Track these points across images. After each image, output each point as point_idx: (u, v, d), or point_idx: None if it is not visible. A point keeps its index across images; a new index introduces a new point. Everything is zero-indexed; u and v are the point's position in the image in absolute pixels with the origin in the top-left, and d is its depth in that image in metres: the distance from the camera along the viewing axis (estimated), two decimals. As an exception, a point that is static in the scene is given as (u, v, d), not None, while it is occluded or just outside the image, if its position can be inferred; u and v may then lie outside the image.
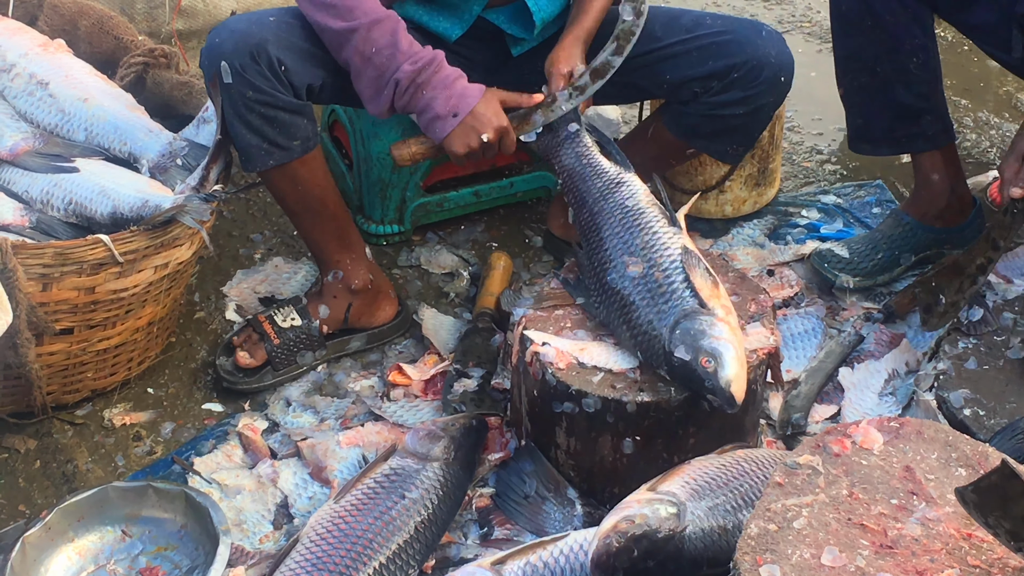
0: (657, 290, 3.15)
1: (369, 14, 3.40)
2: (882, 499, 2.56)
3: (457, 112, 3.40)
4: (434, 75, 3.40)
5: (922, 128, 3.96)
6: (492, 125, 3.41)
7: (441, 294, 4.12)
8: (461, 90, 3.41)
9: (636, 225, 3.30)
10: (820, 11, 5.97)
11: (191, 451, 3.54)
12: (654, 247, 3.23)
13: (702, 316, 3.06)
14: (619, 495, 2.98)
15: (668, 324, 3.07)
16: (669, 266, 3.18)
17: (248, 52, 3.41)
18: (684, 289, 3.13)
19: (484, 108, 3.42)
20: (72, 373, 3.58)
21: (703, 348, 3.00)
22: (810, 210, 4.50)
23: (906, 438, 2.70)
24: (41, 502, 3.40)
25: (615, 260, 3.25)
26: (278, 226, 4.39)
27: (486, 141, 3.40)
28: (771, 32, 3.70)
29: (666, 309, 3.11)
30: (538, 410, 3.23)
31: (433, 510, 3.10)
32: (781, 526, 2.50)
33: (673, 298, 3.12)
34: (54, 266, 3.31)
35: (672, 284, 3.14)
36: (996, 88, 5.25)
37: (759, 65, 3.63)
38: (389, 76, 3.40)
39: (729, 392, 2.98)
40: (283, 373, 3.74)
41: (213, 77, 3.43)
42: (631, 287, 3.18)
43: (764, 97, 3.68)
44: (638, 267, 3.20)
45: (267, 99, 3.43)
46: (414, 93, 3.40)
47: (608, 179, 3.44)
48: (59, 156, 3.68)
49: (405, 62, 3.38)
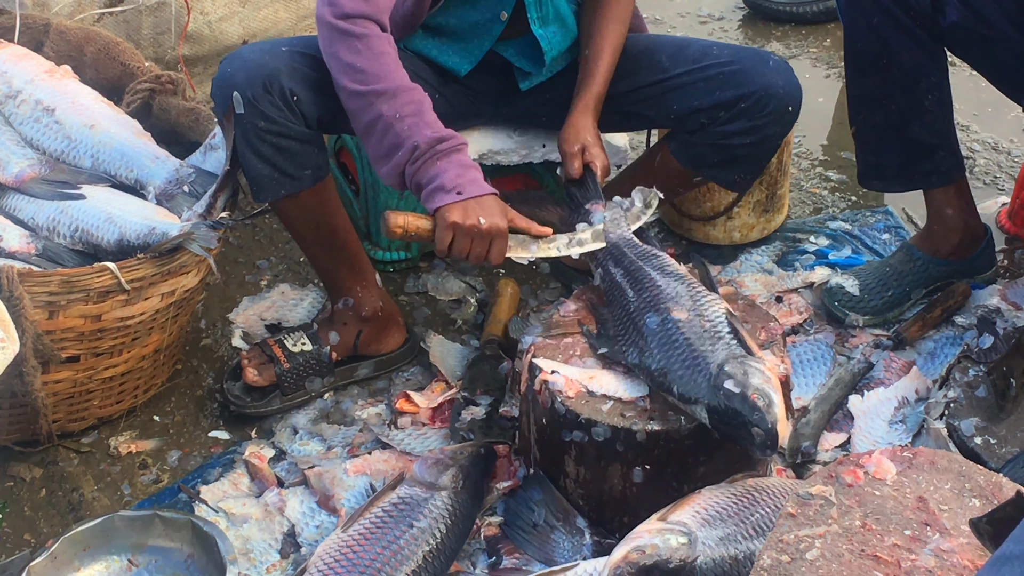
0: (704, 334, 3.11)
1: (398, 82, 3.34)
2: (895, 530, 2.54)
3: (462, 191, 3.26)
4: (453, 152, 3.30)
5: (936, 164, 3.93)
6: (492, 217, 3.27)
7: (448, 321, 4.11)
8: (474, 178, 3.30)
9: (678, 278, 3.28)
10: (827, 38, 5.97)
11: (197, 479, 3.52)
12: (698, 300, 3.20)
13: (753, 361, 3.03)
14: (629, 524, 2.97)
15: (717, 361, 3.02)
16: (715, 318, 3.15)
17: (261, 82, 3.40)
18: (731, 338, 3.09)
19: (491, 201, 3.29)
20: (78, 401, 3.57)
21: (755, 385, 2.95)
22: (819, 236, 4.49)
23: (919, 468, 2.69)
24: (47, 531, 3.38)
25: (658, 306, 3.20)
26: (284, 252, 4.38)
27: (479, 224, 3.24)
28: (778, 62, 3.69)
29: (714, 349, 3.06)
30: (547, 438, 3.21)
31: (441, 539, 3.08)
32: (794, 557, 2.48)
33: (721, 343, 3.08)
34: (60, 294, 3.29)
35: (719, 332, 3.11)
36: (1006, 112, 5.24)
37: (766, 96, 3.61)
38: (408, 140, 3.28)
39: (773, 430, 2.92)
40: (291, 398, 3.73)
41: (228, 110, 3.42)
42: (674, 328, 3.13)
43: (771, 127, 3.67)
44: (683, 313, 3.16)
45: (279, 129, 3.42)
46: (428, 160, 3.28)
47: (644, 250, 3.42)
48: (65, 183, 3.67)
49: (428, 130, 3.29)
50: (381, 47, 3.36)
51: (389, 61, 3.36)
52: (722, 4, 6.34)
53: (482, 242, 3.28)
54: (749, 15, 6.21)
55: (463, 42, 3.71)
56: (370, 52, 3.34)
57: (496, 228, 3.26)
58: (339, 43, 3.35)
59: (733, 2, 6.35)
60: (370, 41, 3.35)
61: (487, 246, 3.29)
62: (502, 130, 4.03)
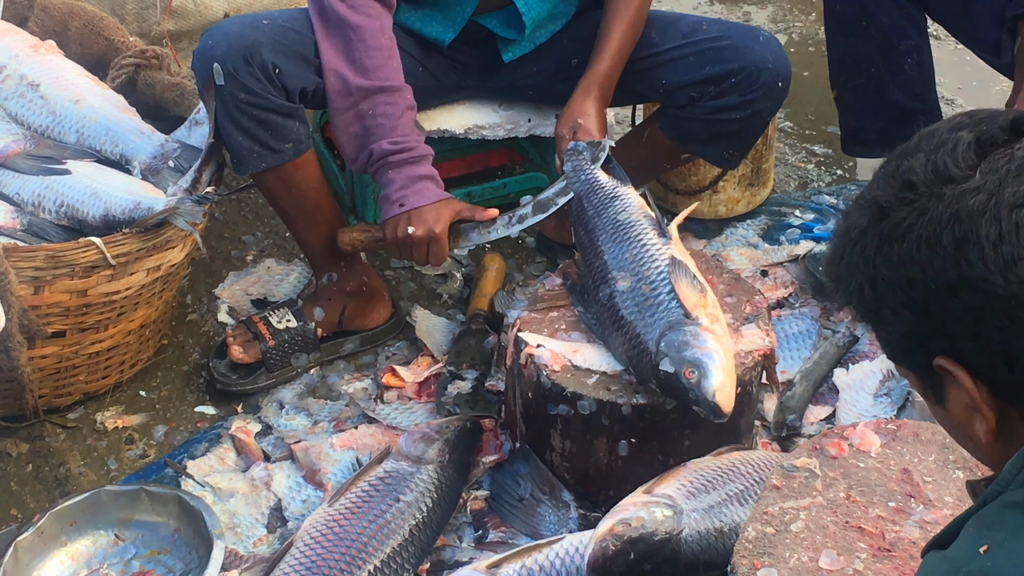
0: (644, 303, 3.13)
1: (385, 75, 3.44)
2: (880, 502, 2.55)
3: (404, 204, 3.43)
4: (406, 164, 3.44)
5: (916, 129, 3.93)
6: (425, 225, 3.40)
7: (434, 296, 4.11)
8: (420, 188, 3.44)
9: (626, 239, 3.28)
10: (811, 12, 5.97)
11: (184, 454, 3.52)
12: (642, 260, 3.21)
13: (686, 327, 3.03)
14: (614, 498, 2.98)
15: (654, 337, 3.05)
16: (656, 278, 3.16)
17: (241, 55, 3.40)
18: (670, 300, 3.10)
19: (429, 211, 3.43)
20: (64, 376, 3.57)
21: (686, 359, 2.96)
22: (804, 210, 4.50)
23: (903, 440, 2.70)
24: (33, 506, 3.38)
25: (606, 275, 3.24)
26: (270, 228, 4.38)
27: (411, 234, 3.40)
28: (768, 38, 3.68)
29: (652, 322, 3.08)
30: (533, 412, 3.22)
31: (428, 513, 3.09)
32: (779, 529, 2.50)
33: (659, 310, 3.10)
34: (46, 269, 3.29)
35: (659, 296, 3.12)
36: (990, 86, 5.25)
37: (756, 71, 3.61)
38: (370, 142, 3.45)
39: (714, 402, 2.93)
40: (277, 375, 3.73)
41: (209, 80, 3.42)
42: (620, 302, 3.17)
43: (761, 103, 3.66)
44: (627, 281, 3.19)
45: (259, 102, 3.43)
46: (380, 168, 3.46)
47: (604, 194, 3.42)
48: (50, 158, 3.66)
49: (387, 139, 3.43)
50: (375, 41, 3.44)
51: (381, 56, 3.45)
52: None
53: (419, 248, 3.44)
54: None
55: (445, 10, 3.70)
56: (363, 45, 3.43)
57: (426, 235, 3.42)
58: (332, 31, 3.46)
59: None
60: (364, 32, 3.43)
61: (424, 251, 3.44)
62: (487, 104, 4.03)
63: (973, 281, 1.62)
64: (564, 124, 3.56)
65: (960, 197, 1.64)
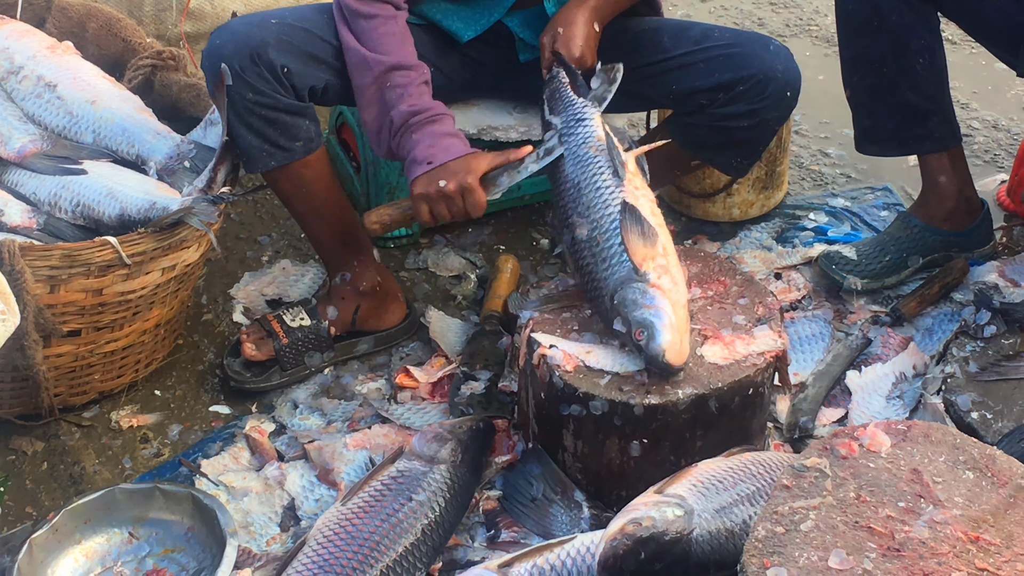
0: (600, 254, 3.21)
1: (397, 58, 3.44)
2: (889, 502, 2.56)
3: (432, 161, 3.35)
4: (427, 124, 3.39)
5: (929, 129, 3.96)
6: (456, 178, 3.33)
7: (448, 297, 4.12)
8: (446, 144, 3.38)
9: (583, 180, 3.33)
10: (827, 15, 5.96)
11: (198, 453, 3.54)
12: (596, 206, 3.27)
13: (635, 283, 3.11)
14: (626, 498, 2.99)
15: (608, 291, 3.14)
16: (609, 227, 3.22)
17: (248, 54, 3.42)
18: (621, 252, 3.17)
19: (457, 164, 3.36)
20: (79, 375, 3.59)
21: (635, 319, 3.06)
22: (818, 213, 4.50)
23: (913, 441, 2.70)
24: (48, 504, 3.40)
25: (567, 219, 3.31)
26: (285, 228, 4.39)
27: (443, 188, 3.32)
28: (779, 47, 3.68)
29: (607, 275, 3.17)
30: (545, 413, 3.23)
31: (440, 512, 3.10)
32: (788, 529, 2.50)
33: (612, 263, 3.18)
34: (62, 268, 3.31)
35: (611, 247, 3.19)
36: (1005, 91, 5.24)
37: (766, 79, 3.60)
38: (387, 115, 3.41)
39: (663, 361, 3.03)
40: (290, 373, 3.74)
41: (220, 79, 3.43)
42: (579, 250, 3.25)
43: (770, 111, 3.66)
44: (584, 229, 3.25)
45: (267, 101, 3.44)
46: (403, 135, 3.40)
47: (569, 115, 3.46)
48: (67, 158, 3.67)
49: (404, 104, 3.39)
50: (388, 28, 3.45)
51: (395, 40, 3.45)
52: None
53: (453, 202, 3.35)
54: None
55: (471, 9, 3.71)
56: (376, 32, 3.44)
57: (461, 185, 3.33)
58: (351, 25, 3.47)
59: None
60: (376, 22, 3.45)
61: (461, 203, 3.36)
62: (502, 106, 4.04)
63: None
64: (547, 31, 3.59)
65: None
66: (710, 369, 3.13)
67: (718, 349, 3.18)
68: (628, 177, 3.29)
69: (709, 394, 3.07)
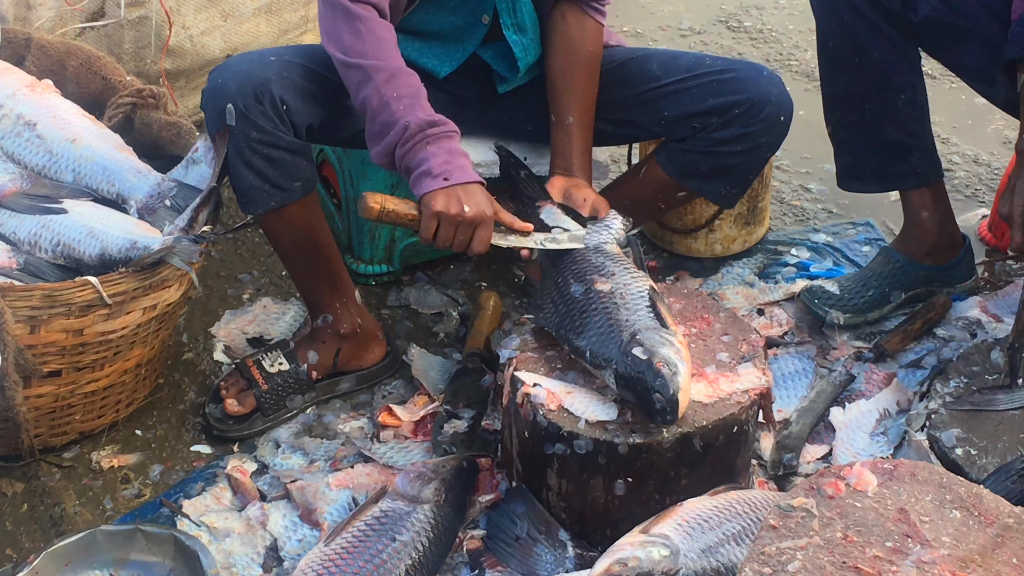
0: (622, 304, 3.20)
1: (397, 64, 3.37)
2: (877, 542, 2.55)
3: (449, 177, 3.25)
4: (443, 138, 3.30)
5: (911, 165, 3.97)
6: (480, 208, 3.27)
7: (430, 334, 4.11)
8: (463, 164, 3.30)
9: (608, 259, 3.36)
10: (807, 50, 5.99)
11: (179, 494, 3.51)
12: (624, 276, 3.29)
13: (665, 332, 3.11)
14: (611, 537, 2.98)
15: (630, 329, 3.12)
16: (636, 293, 3.23)
17: (252, 92, 3.40)
18: (648, 311, 3.18)
19: (479, 192, 3.28)
20: (60, 415, 3.57)
21: (662, 354, 3.03)
22: (800, 249, 4.50)
23: (900, 480, 2.70)
24: (28, 546, 3.37)
25: (583, 277, 3.30)
26: (266, 266, 4.38)
27: (464, 213, 3.23)
28: (772, 74, 3.69)
29: (629, 317, 3.16)
30: (529, 451, 3.21)
31: (424, 552, 3.08)
32: (776, 569, 2.49)
33: (637, 313, 3.17)
34: (42, 308, 3.29)
35: (638, 305, 3.20)
36: (985, 125, 5.26)
37: (760, 103, 3.61)
38: (400, 120, 3.28)
39: (675, 398, 2.99)
40: (272, 418, 3.72)
41: (223, 123, 3.41)
42: (595, 298, 3.24)
43: (763, 136, 3.66)
44: (606, 285, 3.26)
45: (270, 139, 3.43)
46: (417, 144, 3.27)
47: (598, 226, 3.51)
48: (47, 197, 3.66)
49: (421, 112, 3.29)
50: (382, 31, 3.39)
51: (389, 45, 3.39)
52: (703, 18, 6.37)
53: (466, 230, 3.27)
54: (729, 29, 6.23)
55: (445, 45, 3.72)
56: (371, 34, 3.36)
57: (481, 216, 3.26)
58: (342, 22, 3.37)
59: (714, 15, 6.38)
60: (371, 23, 3.37)
61: (471, 234, 3.29)
62: (484, 142, 4.03)
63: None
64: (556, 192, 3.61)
65: None
66: (695, 407, 3.11)
67: (702, 387, 3.17)
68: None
69: (694, 432, 3.07)
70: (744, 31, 6.24)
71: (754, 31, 6.24)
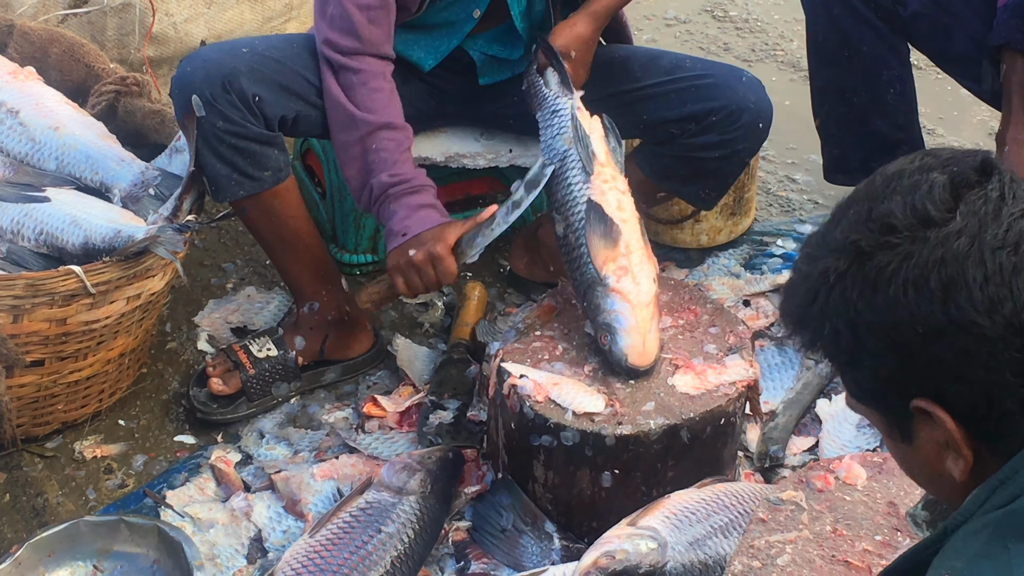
0: (571, 255, 3.28)
1: (386, 118, 3.44)
2: (866, 535, 2.55)
3: (406, 232, 3.37)
4: (405, 195, 3.41)
5: (898, 158, 3.96)
6: (425, 247, 3.33)
7: (415, 324, 4.09)
8: (422, 216, 3.39)
9: (557, 176, 3.37)
10: (793, 40, 5.98)
11: (163, 484, 3.50)
12: (567, 203, 3.32)
13: (597, 288, 3.18)
14: (598, 529, 2.97)
15: (580, 296, 3.25)
16: (578, 226, 3.27)
17: (219, 83, 3.40)
18: (586, 254, 3.23)
19: (428, 234, 3.36)
20: (43, 405, 3.55)
21: (599, 324, 3.15)
22: (786, 239, 4.49)
23: (890, 473, 2.70)
24: (11, 536, 3.35)
25: (552, 213, 3.40)
26: (250, 255, 4.36)
27: (412, 258, 3.32)
28: (751, 79, 3.68)
29: (578, 279, 3.26)
30: (515, 443, 3.20)
31: (409, 544, 3.07)
32: (765, 563, 2.49)
33: (581, 263, 3.24)
34: (25, 297, 3.27)
35: (581, 249, 3.24)
36: (970, 117, 5.26)
37: (738, 110, 3.60)
38: (371, 179, 3.42)
39: (627, 364, 3.12)
40: (257, 404, 3.71)
41: (190, 109, 3.40)
42: (561, 248, 3.34)
43: (741, 143, 3.66)
44: (560, 227, 3.33)
45: (238, 130, 3.42)
46: (383, 203, 3.42)
47: (547, 108, 3.51)
48: (30, 186, 3.63)
49: (386, 172, 3.40)
50: (376, 83, 3.46)
51: (383, 96, 3.46)
52: (688, 7, 6.35)
53: (424, 272, 3.36)
54: (714, 19, 6.23)
55: (431, 38, 3.70)
56: (364, 88, 3.45)
57: (430, 254, 3.34)
58: (337, 76, 3.47)
59: (699, 5, 6.36)
60: (365, 76, 3.45)
61: (432, 272, 3.36)
62: (468, 133, 4.03)
63: (961, 324, 1.63)
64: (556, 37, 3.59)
65: (944, 240, 1.65)
66: (682, 399, 3.11)
67: (689, 379, 3.17)
68: (597, 170, 3.31)
69: (681, 424, 3.06)
70: (730, 20, 6.23)
71: (739, 20, 6.23)
